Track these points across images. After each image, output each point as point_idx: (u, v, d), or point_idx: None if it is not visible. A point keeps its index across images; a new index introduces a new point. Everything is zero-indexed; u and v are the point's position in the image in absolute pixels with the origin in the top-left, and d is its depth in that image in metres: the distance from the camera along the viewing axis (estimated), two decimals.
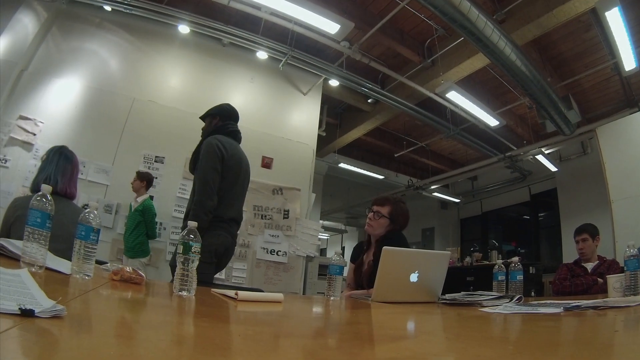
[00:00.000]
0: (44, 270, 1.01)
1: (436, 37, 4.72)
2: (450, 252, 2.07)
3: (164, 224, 4.21)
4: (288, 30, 4.47)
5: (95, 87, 4.37)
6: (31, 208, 0.99)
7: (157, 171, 4.23)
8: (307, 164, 4.71)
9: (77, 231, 1.07)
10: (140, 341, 0.62)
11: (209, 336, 0.73)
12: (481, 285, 2.76)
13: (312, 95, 5.04)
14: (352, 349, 0.75)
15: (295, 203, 4.58)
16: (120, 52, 4.57)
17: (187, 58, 4.78)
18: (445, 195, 8.36)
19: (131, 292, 1.15)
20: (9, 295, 0.59)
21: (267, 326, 1.02)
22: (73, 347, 0.50)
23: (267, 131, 4.68)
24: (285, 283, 4.43)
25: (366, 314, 1.45)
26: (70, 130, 4.18)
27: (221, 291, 1.38)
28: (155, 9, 4.44)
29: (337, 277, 1.72)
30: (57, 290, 0.89)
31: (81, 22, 4.64)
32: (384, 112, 5.69)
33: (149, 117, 4.32)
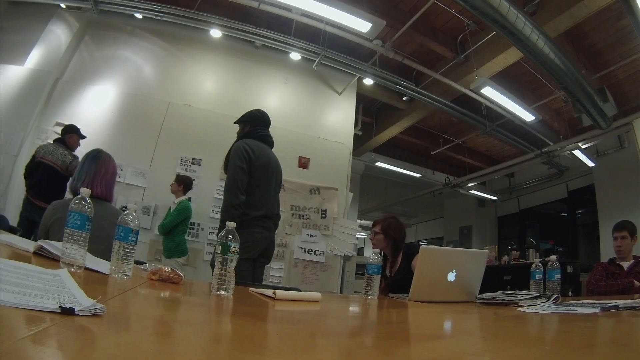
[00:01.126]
0: (83, 271, 1.05)
1: (468, 32, 4.84)
2: (487, 251, 2.12)
3: (201, 225, 4.33)
4: (320, 31, 4.59)
5: (130, 93, 4.57)
6: (71, 210, 1.04)
7: (194, 173, 4.36)
8: (344, 163, 4.79)
9: (116, 232, 1.13)
10: (178, 339, 0.65)
11: (246, 334, 0.76)
12: (519, 284, 2.74)
13: (347, 94, 5.15)
14: (388, 348, 0.76)
15: (332, 202, 4.68)
16: (153, 57, 4.78)
17: (220, 61, 4.97)
18: (483, 192, 8.39)
19: (169, 291, 1.18)
20: (50, 294, 0.62)
21: (305, 325, 1.05)
22: (112, 344, 0.53)
23: (303, 131, 4.79)
24: (322, 282, 4.48)
25: (403, 314, 1.49)
26: (107, 134, 4.37)
27: (259, 290, 1.43)
28: (186, 15, 4.63)
29: (375, 276, 1.75)
30: (96, 290, 0.93)
31: (113, 31, 4.88)
32: (419, 109, 5.76)
33: (185, 120, 4.48)
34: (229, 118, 4.56)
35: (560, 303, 1.58)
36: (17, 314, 0.52)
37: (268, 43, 4.73)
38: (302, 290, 1.74)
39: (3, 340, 0.42)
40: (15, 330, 0.47)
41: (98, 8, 4.76)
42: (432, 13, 4.68)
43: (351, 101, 5.15)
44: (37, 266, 0.87)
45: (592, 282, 2.97)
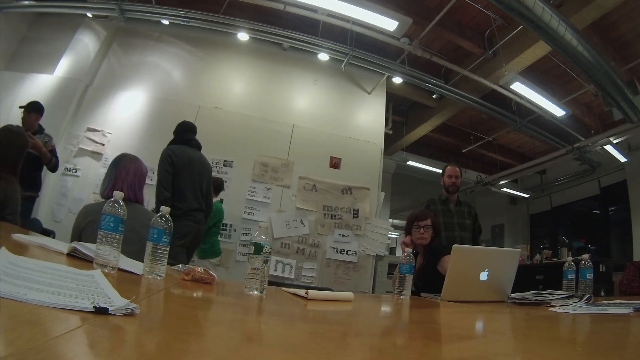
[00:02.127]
0: (116, 271, 1.09)
1: (495, 27, 4.94)
2: (520, 250, 2.13)
3: (233, 226, 4.43)
4: (347, 31, 4.68)
5: (159, 98, 4.73)
6: (104, 213, 1.09)
7: (225, 175, 4.48)
8: (375, 162, 4.86)
9: (149, 234, 1.17)
10: (211, 338, 0.67)
11: (279, 334, 0.79)
12: (551, 283, 2.74)
13: (377, 93, 5.23)
14: (420, 348, 0.79)
15: (364, 202, 4.76)
16: (182, 62, 4.95)
17: (249, 64, 5.12)
18: (514, 190, 8.43)
19: (202, 291, 1.22)
20: (84, 294, 0.64)
21: (337, 325, 1.08)
22: (145, 342, 0.55)
23: (333, 132, 4.88)
24: (354, 282, 4.53)
25: (435, 313, 1.52)
26: (138, 139, 4.53)
27: (292, 290, 1.47)
28: (212, 19, 4.76)
29: (407, 275, 1.77)
30: (130, 290, 0.96)
31: (140, 37, 5.07)
32: (449, 107, 5.84)
33: (216, 123, 4.60)
34: (259, 120, 4.78)
35: (593, 303, 1.60)
36: (52, 313, 0.53)
37: (296, 44, 4.85)
38: (334, 290, 1.84)
39: (38, 338, 0.44)
40: (50, 329, 0.48)
41: (125, 16, 4.98)
42: (458, 9, 4.78)
43: (381, 100, 5.24)
44: (71, 267, 0.91)
45: (625, 283, 2.97)
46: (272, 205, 4.55)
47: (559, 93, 5.67)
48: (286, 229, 4.49)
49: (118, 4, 4.90)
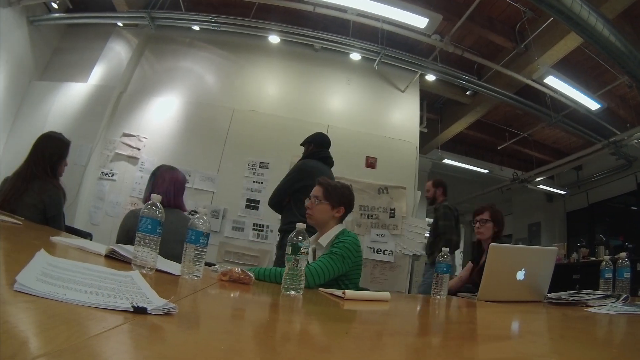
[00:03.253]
0: (154, 272, 1.11)
1: (525, 20, 4.92)
2: (557, 249, 2.08)
3: (270, 227, 4.45)
4: (377, 29, 4.70)
5: (194, 102, 4.80)
6: (142, 216, 1.11)
7: (262, 176, 4.53)
8: (411, 161, 4.82)
9: (187, 235, 1.20)
10: (248, 337, 0.68)
11: (316, 333, 0.80)
12: (588, 283, 2.71)
13: (410, 91, 5.20)
14: (456, 348, 0.80)
15: (401, 202, 4.73)
16: (214, 66, 5.03)
17: (281, 66, 5.17)
18: (551, 187, 8.29)
19: (239, 291, 1.24)
20: (122, 295, 0.66)
21: (374, 324, 1.09)
22: (184, 341, 0.55)
23: (368, 131, 4.87)
24: (391, 282, 4.50)
25: (471, 313, 1.53)
26: (174, 143, 4.62)
27: (329, 290, 1.49)
28: (242, 23, 4.83)
29: (444, 275, 1.75)
30: (168, 290, 0.99)
31: (172, 44, 5.17)
32: (484, 103, 5.78)
33: (251, 126, 4.67)
34: (294, 121, 4.80)
35: (630, 303, 1.59)
36: (91, 313, 0.55)
37: (327, 45, 4.88)
38: (371, 290, 1.85)
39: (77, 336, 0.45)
40: (89, 328, 0.49)
41: (155, 24, 5.08)
42: (487, 3, 4.75)
43: (415, 98, 5.22)
44: (110, 268, 0.94)
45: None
46: None
47: (593, 86, 5.60)
48: None
49: (148, 12, 5.01)
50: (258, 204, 4.49)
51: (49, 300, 0.54)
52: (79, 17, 5.58)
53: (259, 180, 4.53)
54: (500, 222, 2.48)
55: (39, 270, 0.68)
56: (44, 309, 0.52)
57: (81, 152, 4.79)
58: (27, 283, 0.57)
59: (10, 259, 0.92)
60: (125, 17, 5.26)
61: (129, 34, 5.34)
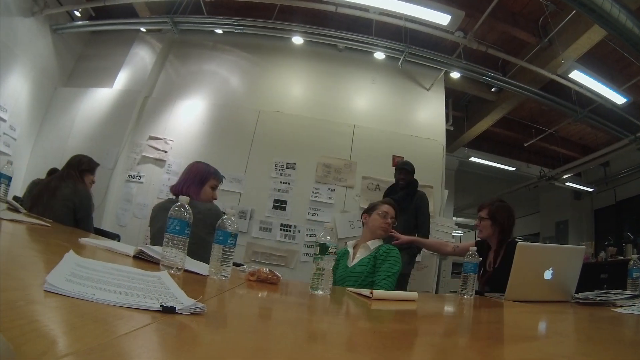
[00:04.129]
0: (182, 273, 1.11)
1: (548, 14, 4.87)
2: (584, 247, 2.05)
3: (297, 227, 4.45)
4: (400, 28, 4.64)
5: (219, 104, 4.83)
6: (170, 217, 1.11)
7: (289, 177, 4.53)
8: (438, 160, 4.79)
9: (215, 236, 1.20)
10: (276, 337, 0.68)
11: (343, 333, 0.80)
12: (616, 282, 2.65)
13: (435, 89, 5.18)
14: (482, 348, 0.79)
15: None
16: (238, 69, 5.06)
17: (306, 66, 5.18)
18: (578, 184, 8.15)
19: (267, 291, 1.23)
20: (151, 294, 0.66)
21: (401, 324, 1.08)
22: (212, 341, 0.56)
23: (395, 130, 4.85)
24: (418, 282, 4.44)
25: (498, 313, 1.52)
26: (201, 145, 4.64)
27: (356, 290, 1.48)
28: (265, 25, 4.84)
29: (472, 275, 1.73)
30: (196, 290, 0.99)
31: (196, 47, 5.21)
32: (509, 100, 5.71)
33: (277, 127, 4.68)
34: (320, 122, 4.80)
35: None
36: (120, 312, 0.55)
37: (351, 45, 4.87)
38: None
39: (106, 335, 0.45)
40: (118, 327, 0.49)
41: (178, 28, 5.11)
42: None
43: (440, 96, 5.19)
44: (138, 269, 0.93)
45: None
46: (336, 206, 4.54)
47: (618, 79, 5.49)
48: (350, 229, 4.45)
49: (170, 17, 5.04)
50: (285, 205, 4.48)
51: (78, 300, 0.55)
52: (101, 25, 5.64)
53: (286, 181, 4.53)
54: (500, 220, 2.25)
55: (68, 270, 0.68)
56: (73, 308, 0.52)
57: (108, 155, 4.83)
58: (57, 283, 0.57)
59: (40, 259, 0.92)
60: (147, 23, 5.31)
61: (152, 39, 5.40)
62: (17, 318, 0.43)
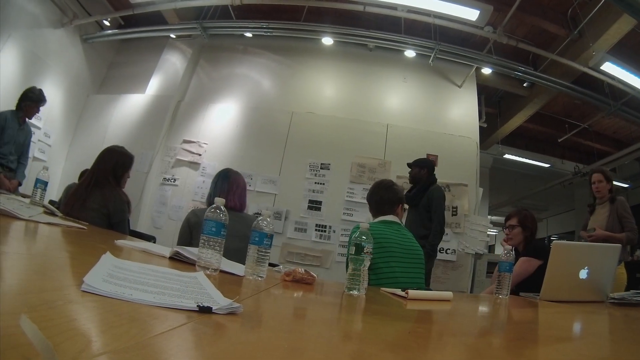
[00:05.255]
0: (218, 273, 1.10)
1: (577, 5, 4.74)
2: (620, 246, 1.96)
3: (332, 227, 4.41)
4: (430, 25, 4.58)
5: (252, 107, 4.82)
6: (206, 219, 1.11)
7: (323, 177, 4.49)
8: (472, 157, 4.69)
9: (250, 237, 1.20)
10: (312, 336, 0.67)
11: (378, 333, 0.79)
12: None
13: (467, 86, 5.08)
14: (516, 349, 0.79)
15: (463, 199, 4.58)
16: (270, 71, 5.05)
17: (337, 67, 5.14)
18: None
19: (302, 291, 1.23)
20: (188, 295, 0.66)
21: (436, 324, 1.09)
22: (248, 340, 0.56)
23: (428, 128, 4.77)
24: (453, 281, 4.38)
25: (533, 314, 1.49)
26: (234, 147, 4.64)
27: (391, 290, 1.47)
28: (294, 27, 4.84)
29: (507, 274, 1.69)
30: (232, 290, 0.99)
31: (226, 51, 5.22)
32: (541, 94, 5.57)
33: (310, 128, 4.65)
34: (353, 122, 4.74)
35: None
36: (157, 312, 0.55)
37: (381, 44, 4.82)
38: (433, 290, 1.80)
39: (143, 334, 0.45)
40: (155, 326, 0.49)
41: (207, 33, 5.13)
42: None
43: (472, 93, 5.09)
44: (174, 269, 0.93)
45: None
46: None
47: None
48: None
49: (199, 23, 5.06)
50: (320, 205, 4.45)
51: (116, 300, 0.55)
52: (131, 32, 5.68)
53: (321, 182, 4.49)
54: (529, 226, 2.38)
55: (105, 271, 0.69)
56: (111, 308, 0.52)
57: (143, 159, 4.86)
58: (94, 284, 0.58)
59: (77, 261, 0.93)
60: (177, 29, 5.33)
61: (182, 44, 5.42)
62: (56, 317, 0.43)
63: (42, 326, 0.33)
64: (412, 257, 2.05)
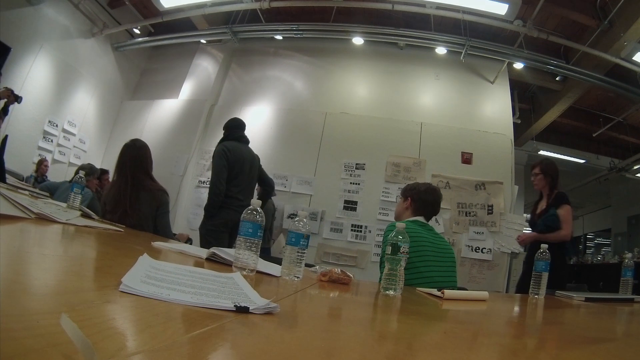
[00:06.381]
0: (255, 274, 1.10)
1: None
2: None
3: (368, 227, 4.35)
4: (459, 21, 4.47)
5: (285, 108, 4.80)
6: (242, 220, 1.10)
7: (358, 177, 4.43)
8: (507, 155, 4.56)
9: (287, 238, 1.18)
10: (348, 336, 0.66)
11: (414, 333, 0.78)
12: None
13: (500, 82, 4.96)
14: (552, 350, 0.77)
15: (498, 197, 4.46)
16: (302, 73, 5.03)
17: (368, 66, 5.07)
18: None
19: (339, 291, 1.22)
20: (224, 295, 0.65)
21: (471, 324, 1.05)
22: (285, 339, 0.55)
23: (461, 126, 4.65)
24: (488, 281, 4.27)
25: (569, 314, 1.45)
26: (269, 149, 4.60)
27: (427, 290, 1.45)
28: (324, 28, 4.80)
29: (543, 274, 1.65)
30: (269, 291, 0.99)
31: (257, 55, 5.21)
32: (574, 88, 5.41)
33: (344, 128, 4.60)
34: (387, 121, 4.65)
35: None
36: (194, 312, 0.55)
37: (411, 42, 4.73)
38: (468, 290, 1.74)
39: (181, 333, 0.46)
40: (192, 325, 0.49)
41: (237, 37, 5.12)
42: None
43: (505, 89, 4.95)
44: (211, 270, 0.92)
45: None
46: None
47: None
48: None
49: (229, 27, 5.06)
50: (356, 205, 4.40)
51: (153, 300, 0.55)
52: (162, 39, 5.71)
53: (356, 182, 4.43)
54: (551, 173, 2.83)
55: (143, 272, 0.69)
56: (148, 308, 0.52)
57: (178, 163, 4.89)
58: (132, 284, 0.58)
59: (115, 262, 0.94)
60: (207, 34, 5.35)
61: (213, 49, 5.43)
62: (94, 316, 0.44)
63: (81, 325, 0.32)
64: (446, 257, 2.06)
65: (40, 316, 0.39)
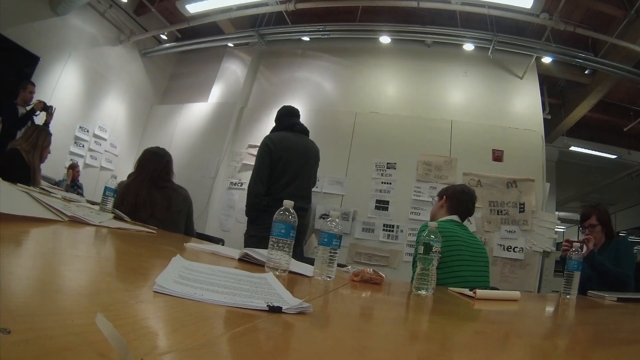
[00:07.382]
0: (287, 274, 1.09)
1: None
2: None
3: (400, 227, 4.30)
4: (485, 16, 4.40)
5: (315, 109, 4.76)
6: (275, 221, 1.10)
7: (390, 177, 4.38)
8: (538, 151, 4.43)
9: (320, 238, 1.17)
10: (380, 335, 0.66)
11: (446, 333, 0.78)
12: None
13: (529, 77, 4.82)
14: (583, 351, 0.76)
15: (530, 195, 4.35)
16: (330, 73, 5.00)
17: (396, 65, 5.01)
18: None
19: (371, 291, 1.21)
20: (257, 295, 0.65)
21: (502, 324, 1.05)
22: (318, 339, 0.55)
23: (491, 122, 4.55)
24: (520, 281, 4.16)
25: (601, 314, 1.44)
26: None
27: (459, 289, 1.44)
28: (351, 28, 4.77)
29: (576, 273, 1.62)
30: (302, 291, 0.99)
31: (285, 56, 5.21)
32: (604, 81, 5.22)
33: (374, 127, 4.55)
34: (417, 119, 4.58)
35: None
36: (228, 311, 0.55)
37: (438, 39, 4.67)
38: (500, 289, 1.69)
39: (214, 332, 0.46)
40: (226, 325, 0.50)
41: (265, 40, 5.14)
42: None
43: (534, 84, 4.80)
44: (244, 271, 0.92)
45: None
46: None
47: None
48: None
49: (256, 30, 5.07)
50: (387, 205, 4.35)
51: (187, 300, 0.55)
52: (189, 44, 5.76)
53: (387, 181, 4.38)
54: (607, 222, 2.39)
55: (176, 273, 0.69)
56: (182, 308, 0.52)
57: (209, 165, 4.93)
58: (166, 284, 0.58)
59: (148, 263, 0.95)
60: (234, 38, 5.36)
61: (241, 52, 5.46)
62: (128, 316, 0.44)
63: (115, 324, 0.32)
64: (480, 257, 2.03)
65: (75, 316, 0.39)
